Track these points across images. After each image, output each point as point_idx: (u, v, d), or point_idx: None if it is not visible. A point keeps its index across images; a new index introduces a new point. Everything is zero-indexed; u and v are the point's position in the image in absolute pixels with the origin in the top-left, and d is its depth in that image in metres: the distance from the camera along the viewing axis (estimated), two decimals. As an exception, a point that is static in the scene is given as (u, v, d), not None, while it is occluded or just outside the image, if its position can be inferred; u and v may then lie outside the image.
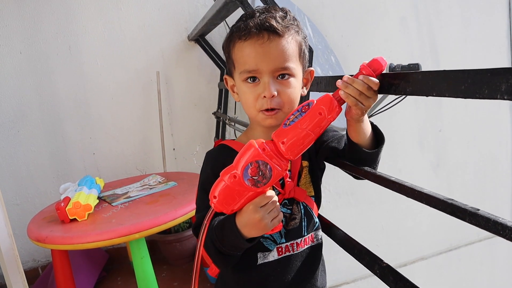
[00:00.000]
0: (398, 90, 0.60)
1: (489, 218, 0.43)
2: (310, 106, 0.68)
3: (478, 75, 0.46)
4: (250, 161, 0.66)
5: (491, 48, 2.99)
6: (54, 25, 1.96)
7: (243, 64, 0.80)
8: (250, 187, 0.67)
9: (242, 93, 0.83)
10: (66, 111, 2.03)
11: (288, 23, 0.81)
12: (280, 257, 0.85)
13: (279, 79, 0.80)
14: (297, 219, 0.86)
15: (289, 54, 0.80)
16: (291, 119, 0.69)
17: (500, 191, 3.25)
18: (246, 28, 0.79)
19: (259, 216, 0.70)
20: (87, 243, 1.29)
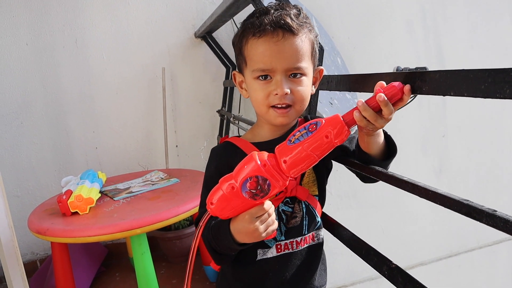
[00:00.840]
0: (413, 89, 0.59)
1: (507, 219, 0.42)
2: (318, 126, 0.65)
3: (500, 74, 0.45)
4: (250, 175, 0.66)
5: (497, 54, 2.98)
6: (62, 18, 1.95)
7: (257, 62, 0.79)
8: (247, 199, 0.67)
9: (253, 90, 0.83)
10: (70, 105, 2.02)
11: (302, 21, 0.81)
12: (279, 254, 0.85)
13: (291, 78, 0.80)
14: (298, 218, 0.86)
15: (303, 54, 0.80)
16: (296, 136, 0.67)
17: (502, 199, 3.23)
18: (261, 25, 0.78)
19: (254, 227, 0.69)
20: (88, 237, 1.28)
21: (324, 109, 1.80)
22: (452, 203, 0.50)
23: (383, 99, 0.62)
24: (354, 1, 2.52)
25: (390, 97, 0.62)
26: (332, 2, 2.46)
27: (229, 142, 0.90)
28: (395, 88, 0.62)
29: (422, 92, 0.57)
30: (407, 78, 0.61)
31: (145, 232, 1.33)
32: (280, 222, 0.85)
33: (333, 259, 1.82)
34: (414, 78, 0.59)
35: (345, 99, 2.08)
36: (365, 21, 2.57)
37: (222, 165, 0.85)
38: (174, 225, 1.93)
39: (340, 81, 0.84)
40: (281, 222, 0.85)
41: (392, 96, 0.62)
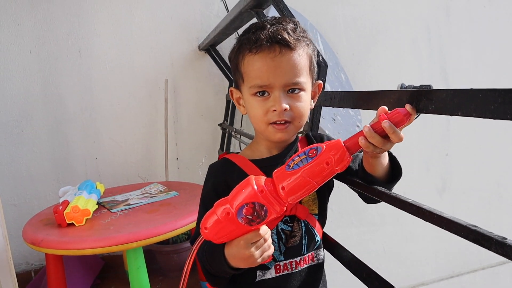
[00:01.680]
0: (419, 108, 0.58)
1: (518, 249, 0.40)
2: (318, 151, 0.63)
3: (511, 94, 0.43)
4: (247, 201, 0.63)
5: (501, 73, 2.97)
6: (66, 27, 1.95)
7: (254, 78, 0.78)
8: (243, 225, 0.65)
9: (251, 107, 0.81)
10: (71, 114, 2.01)
11: (299, 35, 0.79)
12: (278, 275, 0.82)
13: (290, 93, 0.78)
14: (297, 237, 0.83)
15: (300, 68, 0.78)
16: (295, 161, 0.64)
17: (504, 219, 3.19)
18: (257, 40, 0.76)
19: (249, 253, 0.67)
20: (83, 249, 1.26)
21: (327, 125, 1.78)
22: (459, 229, 0.47)
23: (389, 126, 0.60)
24: (360, 18, 2.53)
25: (395, 123, 0.60)
26: (338, 18, 2.46)
27: (227, 159, 0.88)
28: (400, 114, 0.60)
29: (428, 111, 0.55)
30: (412, 96, 0.59)
31: (141, 246, 1.31)
32: (279, 242, 0.82)
33: (333, 278, 1.79)
34: (420, 96, 0.57)
35: (349, 116, 2.07)
36: (370, 38, 2.57)
37: (219, 183, 0.84)
38: (172, 239, 1.90)
39: (344, 98, 0.82)
40: (280, 242, 0.82)
41: (397, 122, 0.60)
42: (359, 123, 2.08)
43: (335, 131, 1.80)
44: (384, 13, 2.58)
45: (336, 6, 2.45)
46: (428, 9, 2.72)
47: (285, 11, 0.91)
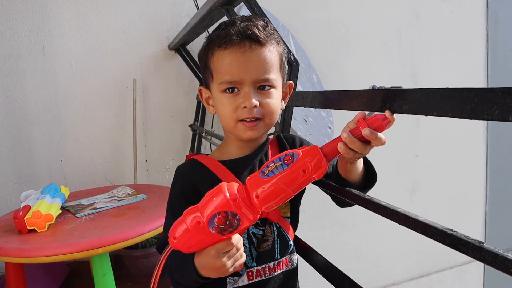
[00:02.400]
0: (393, 108, 0.56)
1: (497, 253, 0.38)
2: (294, 158, 0.60)
3: (488, 94, 0.42)
4: (218, 210, 0.60)
5: (469, 77, 3.04)
6: (28, 24, 1.87)
7: (223, 74, 0.76)
8: (214, 234, 0.61)
9: (220, 105, 0.78)
10: (35, 114, 1.92)
11: (269, 32, 0.78)
12: (251, 282, 0.79)
13: (260, 90, 0.76)
14: (269, 241, 0.80)
15: (271, 65, 0.77)
16: (270, 167, 0.61)
17: (472, 219, 3.27)
18: (227, 35, 0.74)
19: (220, 263, 0.64)
20: (45, 257, 1.19)
21: (299, 126, 1.77)
22: (435, 233, 0.46)
23: (371, 133, 0.59)
24: (332, 20, 2.53)
25: (374, 129, 0.59)
26: (310, 20, 2.46)
27: (195, 160, 0.84)
28: (379, 120, 0.58)
29: (403, 111, 0.53)
30: (386, 96, 0.57)
31: (108, 251, 1.25)
32: (250, 246, 0.79)
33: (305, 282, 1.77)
34: (394, 96, 0.56)
35: (320, 117, 2.06)
36: (342, 40, 2.58)
37: (187, 185, 0.81)
38: (141, 243, 1.85)
39: (316, 98, 0.80)
40: (251, 246, 0.79)
41: (376, 128, 0.59)
42: (331, 124, 2.08)
43: (306, 132, 1.79)
44: (356, 16, 2.60)
45: (308, 8, 2.45)
46: (399, 13, 2.76)
47: (256, 8, 0.89)
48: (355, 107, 0.64)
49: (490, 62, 3.08)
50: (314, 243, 0.91)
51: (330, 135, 2.00)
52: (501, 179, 3.26)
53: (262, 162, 0.84)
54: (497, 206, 3.29)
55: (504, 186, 3.29)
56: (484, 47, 3.08)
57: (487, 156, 3.22)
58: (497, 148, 3.21)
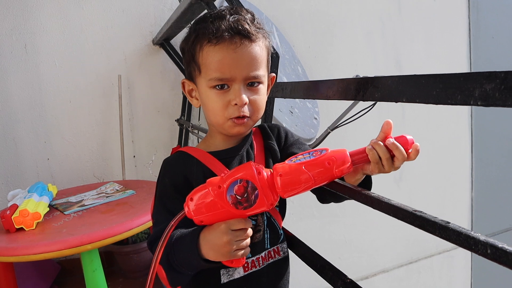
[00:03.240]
0: (365, 96, 0.58)
1: (460, 232, 0.40)
2: (322, 152, 0.63)
3: (451, 80, 0.43)
4: (241, 178, 0.61)
5: (452, 65, 3.08)
6: (10, 22, 1.85)
7: (214, 70, 0.74)
8: (229, 204, 0.62)
9: (208, 100, 0.77)
10: (19, 113, 1.91)
11: (258, 26, 0.77)
12: (247, 273, 0.79)
13: (249, 86, 0.76)
14: (261, 231, 0.81)
15: (261, 61, 0.77)
16: (298, 157, 0.64)
17: (459, 205, 3.33)
18: (217, 30, 0.73)
19: (227, 239, 0.64)
20: (34, 255, 1.19)
21: (285, 118, 1.78)
22: (405, 215, 0.48)
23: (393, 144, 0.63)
24: (315, 11, 2.54)
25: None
26: (294, 11, 2.47)
27: (183, 152, 0.84)
28: (404, 139, 0.63)
29: (375, 98, 0.55)
30: (359, 84, 0.59)
31: (97, 247, 1.26)
32: None
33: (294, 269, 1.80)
34: (366, 84, 0.57)
35: (306, 108, 2.08)
36: (325, 31, 2.59)
37: (178, 177, 0.79)
38: (132, 239, 1.85)
39: (295, 88, 0.81)
40: None
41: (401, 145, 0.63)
42: (316, 115, 2.10)
43: (292, 123, 1.81)
44: (339, 6, 2.62)
45: (291, 0, 2.45)
46: (382, 3, 2.78)
47: (235, 1, 0.90)
48: (331, 95, 0.65)
49: (473, 49, 3.13)
50: (303, 233, 0.92)
51: (316, 126, 2.02)
52: (486, 165, 3.33)
53: (249, 152, 0.84)
54: (483, 192, 3.35)
55: (489, 172, 3.35)
56: (467, 35, 3.12)
57: (472, 143, 3.27)
58: (481, 135, 3.27)
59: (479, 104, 0.40)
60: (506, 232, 3.48)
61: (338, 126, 1.65)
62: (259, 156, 0.84)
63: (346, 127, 1.69)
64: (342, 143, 2.18)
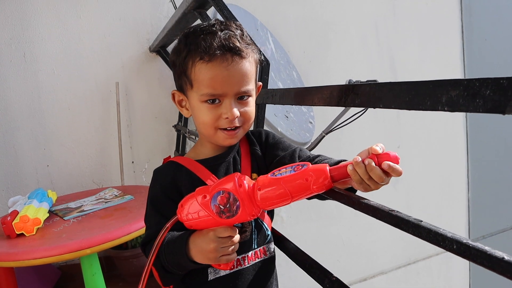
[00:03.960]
0: (347, 102, 0.61)
1: (430, 229, 0.43)
2: (303, 167, 0.64)
3: (421, 87, 0.46)
4: (223, 189, 0.66)
5: (446, 65, 3.12)
6: (8, 31, 1.88)
7: (206, 87, 0.78)
8: (213, 212, 0.67)
9: (200, 113, 0.81)
10: (19, 121, 1.94)
11: (248, 42, 0.81)
12: (232, 271, 0.83)
13: (239, 100, 0.80)
14: (247, 232, 0.85)
15: (251, 76, 0.81)
16: (282, 171, 0.66)
17: (455, 206, 3.35)
18: (209, 48, 0.76)
19: (213, 246, 0.69)
20: (34, 259, 1.22)
21: (280, 122, 1.81)
22: (383, 215, 0.51)
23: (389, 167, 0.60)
24: (310, 16, 2.58)
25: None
26: (288, 17, 2.50)
27: (172, 161, 0.88)
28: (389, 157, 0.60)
29: (355, 104, 0.58)
30: (341, 91, 0.62)
31: (96, 252, 1.29)
32: None
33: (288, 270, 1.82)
34: (348, 91, 0.61)
35: (301, 112, 2.11)
36: (320, 36, 2.62)
37: (167, 184, 0.83)
38: (131, 243, 1.88)
39: (284, 95, 0.85)
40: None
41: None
42: (312, 119, 2.13)
43: (288, 128, 1.84)
44: (333, 11, 2.65)
45: (286, 5, 2.49)
46: (375, 7, 2.82)
47: (225, 11, 0.93)
48: (316, 102, 0.69)
49: (466, 51, 3.16)
50: (301, 236, 0.95)
51: (311, 130, 2.05)
52: (481, 166, 3.35)
53: (236, 159, 0.88)
54: (479, 193, 3.37)
55: (485, 173, 3.38)
56: (460, 38, 3.16)
57: (467, 144, 3.30)
58: (476, 136, 3.30)
59: (446, 109, 0.43)
60: (503, 233, 3.50)
61: (332, 130, 1.68)
62: (245, 161, 0.88)
63: (342, 130, 1.72)
64: (338, 146, 2.21)
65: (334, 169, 0.63)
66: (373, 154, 0.61)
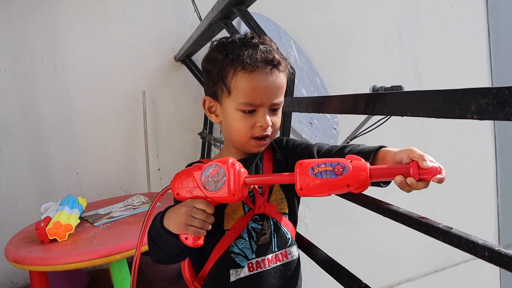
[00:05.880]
0: (374, 111, 0.61)
1: (461, 236, 0.44)
2: (344, 171, 0.64)
3: (450, 95, 0.47)
4: (216, 163, 0.72)
5: (472, 69, 3.06)
6: (41, 43, 1.96)
7: (245, 96, 0.81)
8: (201, 183, 0.72)
9: (234, 120, 0.84)
10: (50, 130, 2.01)
11: (283, 56, 0.85)
12: (251, 273, 0.84)
13: (271, 111, 0.84)
14: (267, 235, 0.86)
15: (283, 88, 0.85)
16: (321, 168, 0.66)
17: (484, 212, 3.27)
18: (251, 59, 0.80)
19: (185, 210, 0.73)
20: (67, 264, 1.26)
21: (304, 129, 1.82)
22: (412, 222, 0.51)
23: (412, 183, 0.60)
24: (332, 23, 2.59)
25: (425, 175, 0.60)
26: (311, 24, 2.51)
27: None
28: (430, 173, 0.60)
29: (383, 112, 0.59)
30: (369, 99, 0.63)
31: (125, 257, 1.32)
32: (250, 240, 0.85)
33: (315, 277, 1.82)
34: (375, 100, 0.61)
35: (325, 119, 2.11)
36: (343, 42, 2.63)
37: None
38: (157, 249, 1.91)
39: (310, 103, 0.86)
40: (251, 240, 0.85)
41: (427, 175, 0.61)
42: (336, 125, 2.13)
43: (312, 134, 1.84)
44: (355, 17, 2.65)
45: (308, 13, 2.50)
46: (398, 11, 2.80)
47: (251, 21, 0.95)
48: (342, 110, 0.70)
49: (493, 54, 3.10)
50: (326, 242, 0.96)
51: (335, 136, 2.05)
52: (511, 170, 3.26)
53: (258, 164, 0.91)
54: (509, 198, 3.29)
55: (515, 177, 3.29)
56: (486, 41, 3.10)
57: (495, 148, 3.23)
58: (505, 140, 3.22)
59: (475, 117, 0.44)
60: (534, 239, 3.41)
61: (356, 136, 1.67)
62: (267, 166, 0.91)
63: (366, 137, 1.72)
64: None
65: (375, 175, 0.63)
66: (415, 163, 0.61)
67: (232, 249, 0.84)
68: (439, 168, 0.61)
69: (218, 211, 0.83)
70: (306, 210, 2.47)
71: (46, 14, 1.96)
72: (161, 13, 2.16)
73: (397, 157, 0.65)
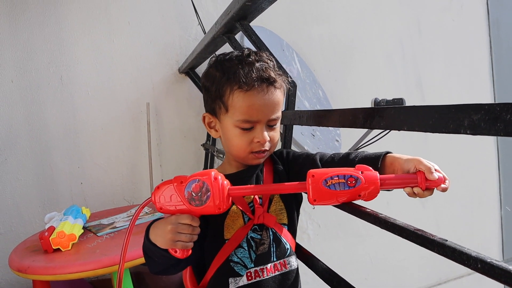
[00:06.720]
0: (373, 125, 0.63)
1: (455, 248, 0.45)
2: (357, 184, 0.67)
3: (444, 111, 0.48)
4: (198, 178, 0.71)
5: (474, 82, 3.07)
6: (47, 55, 1.99)
7: (242, 114, 0.83)
8: (184, 198, 0.71)
9: (233, 136, 0.87)
10: (55, 140, 2.03)
11: (279, 72, 0.87)
12: (250, 282, 0.86)
13: (268, 126, 0.86)
14: (266, 245, 0.88)
15: (280, 104, 0.87)
16: (334, 180, 0.68)
17: (488, 225, 3.26)
18: (247, 78, 0.82)
19: (170, 228, 0.73)
20: (70, 274, 1.27)
21: (306, 141, 1.83)
22: (409, 234, 0.52)
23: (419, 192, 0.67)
24: (335, 35, 2.61)
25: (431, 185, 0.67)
26: (313, 36, 2.54)
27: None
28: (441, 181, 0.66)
29: (380, 127, 0.60)
30: (366, 114, 0.64)
31: (128, 267, 1.33)
32: (249, 249, 0.87)
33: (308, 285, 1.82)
34: (373, 114, 0.63)
35: (328, 131, 2.13)
36: (345, 54, 2.65)
37: None
38: (160, 260, 1.91)
39: (310, 116, 0.88)
40: (250, 249, 0.87)
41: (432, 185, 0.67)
42: (338, 137, 2.14)
43: (314, 146, 1.85)
44: (358, 30, 2.68)
45: (311, 26, 2.53)
46: (401, 24, 2.83)
47: (254, 36, 0.97)
48: (342, 124, 0.71)
49: (495, 66, 3.11)
50: (328, 254, 0.97)
51: (338, 148, 2.06)
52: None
53: (258, 176, 0.93)
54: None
55: (518, 188, 3.28)
56: (488, 53, 3.12)
57: (498, 159, 3.22)
58: (508, 151, 3.21)
59: (468, 132, 0.45)
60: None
61: (358, 149, 1.69)
62: (268, 177, 0.92)
63: (368, 148, 1.73)
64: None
65: (385, 185, 0.67)
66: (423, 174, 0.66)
67: (232, 258, 0.85)
68: (444, 178, 0.66)
69: (219, 221, 0.85)
70: (309, 221, 2.47)
71: (52, 26, 1.99)
72: (166, 26, 2.20)
73: (405, 166, 0.69)
